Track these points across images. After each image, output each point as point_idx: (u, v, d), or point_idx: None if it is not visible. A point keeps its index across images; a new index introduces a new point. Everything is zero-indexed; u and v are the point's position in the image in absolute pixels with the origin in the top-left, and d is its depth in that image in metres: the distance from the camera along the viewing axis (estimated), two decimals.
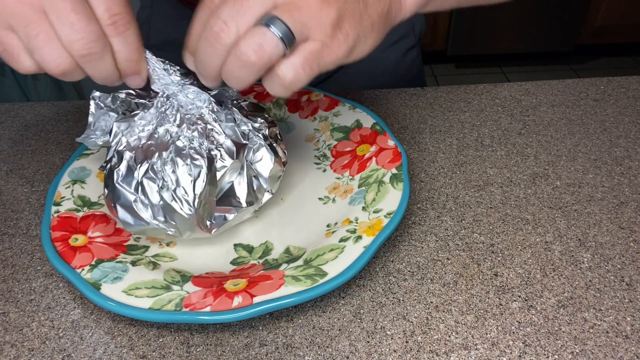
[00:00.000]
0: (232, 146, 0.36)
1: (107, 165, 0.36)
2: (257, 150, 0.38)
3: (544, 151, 0.49)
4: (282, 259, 0.38)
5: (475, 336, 0.33)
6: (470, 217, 0.42)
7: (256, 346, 0.33)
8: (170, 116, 0.36)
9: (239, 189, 0.37)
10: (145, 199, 0.35)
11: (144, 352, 0.33)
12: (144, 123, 0.36)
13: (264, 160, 0.38)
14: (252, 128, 0.38)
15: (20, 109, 0.59)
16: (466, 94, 0.58)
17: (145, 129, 0.36)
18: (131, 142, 0.36)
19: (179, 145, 0.35)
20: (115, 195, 0.35)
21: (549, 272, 0.37)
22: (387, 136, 0.46)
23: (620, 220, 0.41)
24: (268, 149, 0.38)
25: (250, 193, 0.38)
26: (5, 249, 0.41)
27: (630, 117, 0.53)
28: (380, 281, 0.37)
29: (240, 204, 0.37)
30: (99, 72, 0.31)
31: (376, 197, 0.40)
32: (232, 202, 0.37)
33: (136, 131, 0.36)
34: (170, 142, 0.35)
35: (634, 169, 0.46)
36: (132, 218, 0.35)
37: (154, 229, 0.36)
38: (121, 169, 0.35)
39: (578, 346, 0.32)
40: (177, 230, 0.36)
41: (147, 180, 0.35)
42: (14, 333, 0.34)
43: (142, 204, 0.35)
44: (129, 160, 0.35)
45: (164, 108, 0.36)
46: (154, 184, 0.35)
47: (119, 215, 0.36)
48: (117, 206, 0.35)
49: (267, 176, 0.38)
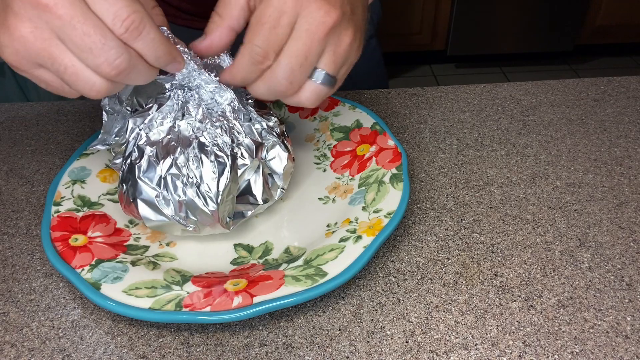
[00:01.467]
0: (251, 145, 0.37)
1: (127, 161, 0.36)
2: (272, 148, 0.38)
3: (544, 151, 0.49)
4: (282, 258, 0.38)
5: (475, 336, 0.33)
6: (470, 217, 0.42)
7: (256, 346, 0.33)
8: (192, 110, 0.36)
9: (255, 187, 0.38)
10: (168, 195, 0.35)
11: (144, 352, 0.33)
12: (162, 116, 0.36)
13: (278, 158, 0.38)
14: (266, 127, 0.38)
15: (20, 109, 0.59)
16: (466, 94, 0.58)
17: (164, 122, 0.36)
18: (151, 136, 0.36)
19: (202, 141, 0.35)
20: (137, 190, 0.35)
21: (549, 272, 0.37)
22: (387, 136, 0.46)
23: (620, 220, 0.41)
24: (282, 147, 0.38)
25: (265, 191, 0.38)
26: (5, 249, 0.41)
27: (630, 117, 0.53)
28: (380, 281, 0.37)
29: (257, 201, 0.38)
30: (137, 79, 0.31)
31: (376, 197, 0.40)
32: (250, 200, 0.38)
33: (155, 124, 0.36)
34: (192, 138, 0.35)
35: (634, 169, 0.46)
36: (154, 213, 0.36)
37: (173, 225, 0.36)
38: (142, 164, 0.35)
39: (578, 346, 0.32)
40: (196, 226, 0.36)
41: (170, 176, 0.35)
42: (14, 333, 0.34)
43: (165, 199, 0.35)
44: (151, 156, 0.35)
45: (181, 100, 0.36)
46: (178, 180, 0.35)
47: (139, 210, 0.36)
48: (137, 201, 0.35)
49: (282, 173, 0.39)
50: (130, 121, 0.37)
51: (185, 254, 0.39)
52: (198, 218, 0.36)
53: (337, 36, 0.32)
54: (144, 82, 0.32)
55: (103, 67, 0.28)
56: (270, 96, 0.34)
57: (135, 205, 0.36)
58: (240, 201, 0.38)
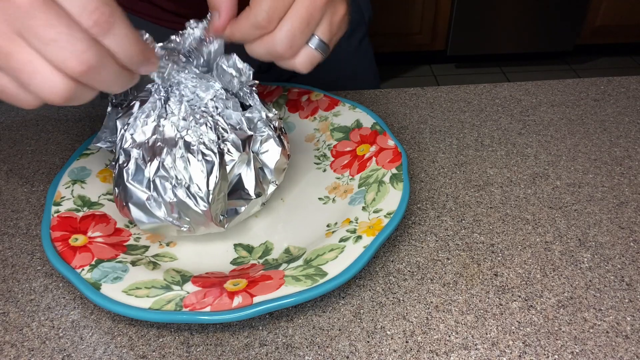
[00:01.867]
0: (237, 139, 0.36)
1: (116, 164, 0.36)
2: (265, 141, 0.38)
3: (544, 151, 0.49)
4: (282, 258, 0.38)
5: (475, 336, 0.33)
6: (470, 217, 0.42)
7: (256, 346, 0.33)
8: (174, 108, 0.35)
9: (247, 180, 0.37)
10: (158, 197, 0.35)
11: (144, 352, 0.33)
12: (145, 115, 0.36)
13: (270, 152, 0.38)
14: (265, 117, 0.38)
15: (20, 109, 0.59)
16: (466, 94, 0.58)
17: (147, 121, 0.35)
18: (136, 137, 0.35)
19: (188, 140, 0.35)
20: (127, 194, 0.35)
21: (549, 272, 0.37)
22: (387, 136, 0.46)
23: (620, 220, 0.41)
24: (276, 141, 0.38)
25: (258, 184, 0.38)
26: (5, 249, 0.41)
27: (630, 117, 0.53)
28: (380, 281, 0.37)
29: (250, 196, 0.37)
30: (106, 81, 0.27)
31: (376, 197, 0.40)
32: (242, 195, 0.37)
33: (138, 124, 0.35)
34: (178, 138, 0.35)
35: (634, 169, 0.46)
36: (146, 216, 0.35)
37: (168, 226, 0.36)
38: (130, 167, 0.35)
39: (578, 346, 0.32)
40: (190, 226, 0.36)
41: (159, 178, 0.35)
42: (14, 333, 0.34)
43: (155, 202, 0.35)
44: (137, 158, 0.35)
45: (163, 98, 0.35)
46: (167, 182, 0.35)
47: (132, 214, 0.35)
48: (129, 205, 0.35)
49: (273, 167, 0.38)
50: (118, 122, 0.37)
51: (185, 254, 0.39)
52: (191, 218, 0.35)
53: (334, 7, 0.35)
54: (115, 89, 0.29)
55: (69, 62, 0.25)
56: (267, 57, 0.35)
57: (128, 209, 0.36)
58: (232, 197, 0.37)
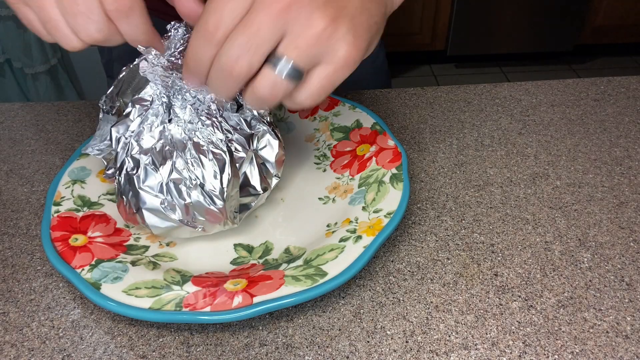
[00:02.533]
0: (241, 138, 0.37)
1: (122, 172, 0.36)
2: (262, 137, 0.38)
3: (544, 151, 0.49)
4: (282, 258, 0.38)
5: (475, 336, 0.33)
6: (470, 217, 0.42)
7: (256, 346, 0.33)
8: (179, 112, 0.36)
9: (253, 178, 0.38)
10: (173, 200, 0.35)
11: (144, 352, 0.33)
12: (149, 121, 0.36)
13: (269, 147, 0.38)
14: (256, 114, 0.38)
15: (20, 109, 0.59)
16: (466, 94, 0.58)
17: (152, 127, 0.36)
18: (143, 144, 0.36)
19: (197, 141, 0.35)
20: (140, 200, 0.35)
21: (549, 272, 0.37)
22: (387, 136, 0.46)
23: (620, 220, 0.41)
24: (272, 135, 0.38)
25: (263, 180, 0.38)
26: (5, 249, 0.41)
27: (630, 117, 0.53)
28: (380, 281, 0.37)
29: (258, 191, 0.38)
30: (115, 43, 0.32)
31: (376, 197, 0.40)
32: (250, 192, 0.38)
33: (143, 130, 0.36)
34: (186, 140, 0.35)
35: (634, 169, 0.46)
36: (161, 220, 0.36)
37: (181, 228, 0.36)
38: (140, 173, 0.35)
39: (578, 346, 0.32)
40: (205, 226, 0.36)
41: (172, 182, 0.35)
42: (14, 333, 0.34)
43: (170, 205, 0.35)
44: (147, 164, 0.35)
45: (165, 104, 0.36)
46: (181, 184, 0.35)
47: (146, 220, 0.36)
48: (142, 211, 0.35)
49: (274, 161, 0.39)
50: (113, 130, 0.36)
51: (185, 254, 0.39)
52: (206, 218, 0.36)
53: (304, 18, 0.27)
54: None
55: (81, 35, 0.30)
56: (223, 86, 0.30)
57: (140, 216, 0.36)
58: (241, 194, 0.38)
